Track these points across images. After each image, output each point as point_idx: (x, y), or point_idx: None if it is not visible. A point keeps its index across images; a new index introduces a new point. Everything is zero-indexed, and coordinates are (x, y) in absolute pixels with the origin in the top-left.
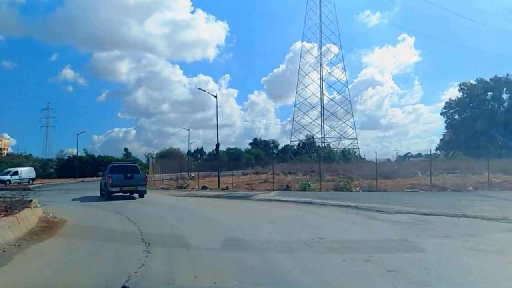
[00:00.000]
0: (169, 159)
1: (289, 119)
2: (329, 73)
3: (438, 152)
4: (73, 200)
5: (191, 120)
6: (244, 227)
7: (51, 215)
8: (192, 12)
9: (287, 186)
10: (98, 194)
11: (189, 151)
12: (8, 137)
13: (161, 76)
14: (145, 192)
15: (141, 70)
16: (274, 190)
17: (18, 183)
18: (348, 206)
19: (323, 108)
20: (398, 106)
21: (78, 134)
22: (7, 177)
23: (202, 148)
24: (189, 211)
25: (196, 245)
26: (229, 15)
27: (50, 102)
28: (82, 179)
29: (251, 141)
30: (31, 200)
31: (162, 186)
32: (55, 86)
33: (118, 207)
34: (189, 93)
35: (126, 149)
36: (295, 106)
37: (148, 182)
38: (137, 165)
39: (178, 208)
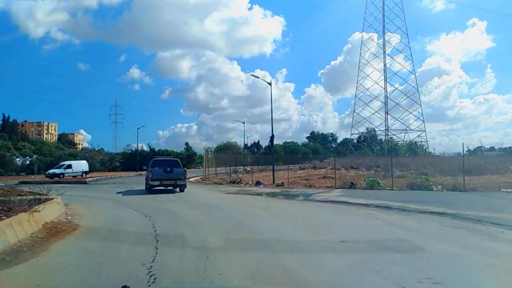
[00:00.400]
0: (226, 153)
1: (347, 112)
2: (394, 59)
3: None
4: (117, 193)
5: (249, 115)
6: (308, 256)
7: (69, 217)
8: (249, 9)
9: (352, 183)
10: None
11: (245, 145)
12: (84, 133)
13: (220, 72)
14: (184, 186)
15: (201, 67)
16: (336, 188)
17: (73, 176)
18: (443, 214)
19: (387, 98)
20: (468, 96)
21: (138, 128)
22: (61, 170)
23: (258, 142)
24: (234, 217)
25: None
26: (285, 10)
27: (118, 100)
28: (140, 172)
29: (308, 135)
30: (51, 199)
31: (215, 180)
32: (123, 85)
33: (153, 206)
34: (247, 88)
35: (187, 144)
36: (355, 97)
37: (201, 177)
38: (178, 160)
39: (223, 211)
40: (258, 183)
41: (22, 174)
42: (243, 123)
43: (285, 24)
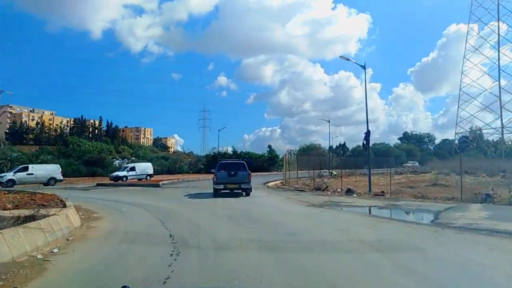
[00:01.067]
0: (309, 155)
1: (441, 111)
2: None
3: None
4: (185, 195)
5: (333, 117)
6: None
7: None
8: (333, 9)
9: (487, 195)
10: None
11: (330, 147)
12: (177, 137)
13: (303, 76)
14: (249, 190)
15: (284, 71)
16: (462, 201)
17: (138, 179)
18: None
19: (501, 90)
20: None
21: (219, 130)
22: (124, 173)
23: (344, 144)
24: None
25: None
26: (371, 7)
27: (207, 106)
28: None
29: (397, 137)
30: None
31: (297, 186)
32: (212, 92)
33: (209, 221)
34: (330, 90)
35: (269, 146)
36: (460, 90)
37: (281, 181)
38: (244, 163)
39: (314, 255)
40: (349, 192)
41: None
42: (328, 121)
43: (371, 22)
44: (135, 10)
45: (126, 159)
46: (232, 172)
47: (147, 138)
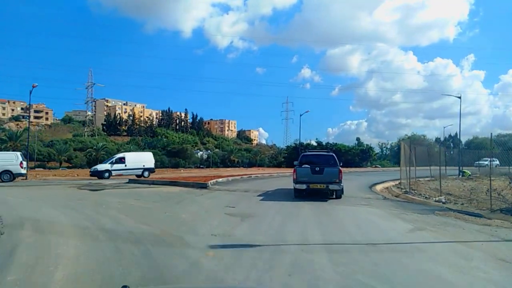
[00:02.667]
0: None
1: None
2: None
3: None
4: (259, 196)
5: (426, 110)
6: None
7: None
8: None
9: None
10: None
11: (437, 139)
12: (262, 131)
13: (392, 65)
14: (340, 191)
15: (372, 61)
16: None
17: (136, 175)
18: None
19: None
20: None
21: (300, 115)
22: (106, 166)
23: (456, 135)
24: None
25: None
26: None
27: (290, 98)
28: None
29: (504, 131)
30: None
31: (424, 192)
32: (295, 85)
33: None
34: (424, 80)
35: (358, 139)
36: None
37: (396, 182)
38: (334, 155)
39: None
40: None
41: (202, 166)
42: (459, 97)
43: (473, 2)
44: (222, 8)
45: (209, 150)
46: (317, 168)
47: (231, 130)
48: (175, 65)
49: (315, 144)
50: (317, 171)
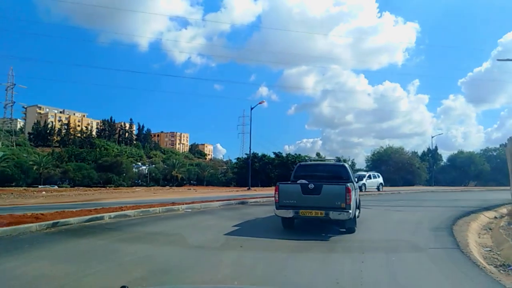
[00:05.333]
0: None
1: (495, 125)
2: None
3: None
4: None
5: (377, 129)
6: None
7: None
8: (379, 17)
9: None
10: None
11: (414, 153)
12: (220, 147)
13: (345, 86)
14: (352, 223)
15: (327, 82)
16: None
17: None
18: None
19: None
20: None
21: (251, 108)
22: None
23: (436, 148)
24: None
25: None
26: (420, 15)
27: (247, 115)
28: (255, 189)
29: (447, 152)
30: None
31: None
32: (253, 102)
33: None
34: (374, 102)
35: (318, 154)
36: None
37: (507, 211)
38: (346, 166)
39: None
40: None
41: (138, 181)
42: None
43: (419, 31)
44: (181, 22)
45: (154, 165)
46: (310, 186)
47: (183, 144)
48: (128, 77)
49: (273, 156)
50: (310, 190)
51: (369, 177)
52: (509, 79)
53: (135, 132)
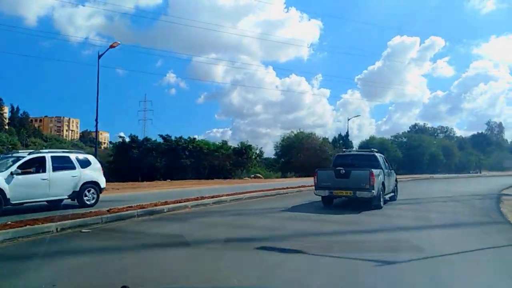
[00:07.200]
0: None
1: (384, 119)
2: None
3: None
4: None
5: (283, 121)
6: None
7: None
8: (286, 12)
9: None
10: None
11: (325, 139)
12: (123, 135)
13: (255, 77)
14: (377, 200)
15: (236, 72)
16: None
17: None
18: None
19: None
20: None
21: (99, 56)
22: None
23: (347, 134)
24: None
25: None
26: (323, 13)
27: (154, 102)
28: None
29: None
30: None
31: None
32: (160, 89)
33: None
34: (282, 93)
35: (225, 141)
36: None
37: None
38: (376, 155)
39: None
40: None
41: None
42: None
43: (322, 28)
44: None
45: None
46: (342, 171)
47: (72, 130)
48: (8, 56)
49: (160, 140)
50: (342, 175)
51: None
52: (395, 79)
53: (7, 115)
